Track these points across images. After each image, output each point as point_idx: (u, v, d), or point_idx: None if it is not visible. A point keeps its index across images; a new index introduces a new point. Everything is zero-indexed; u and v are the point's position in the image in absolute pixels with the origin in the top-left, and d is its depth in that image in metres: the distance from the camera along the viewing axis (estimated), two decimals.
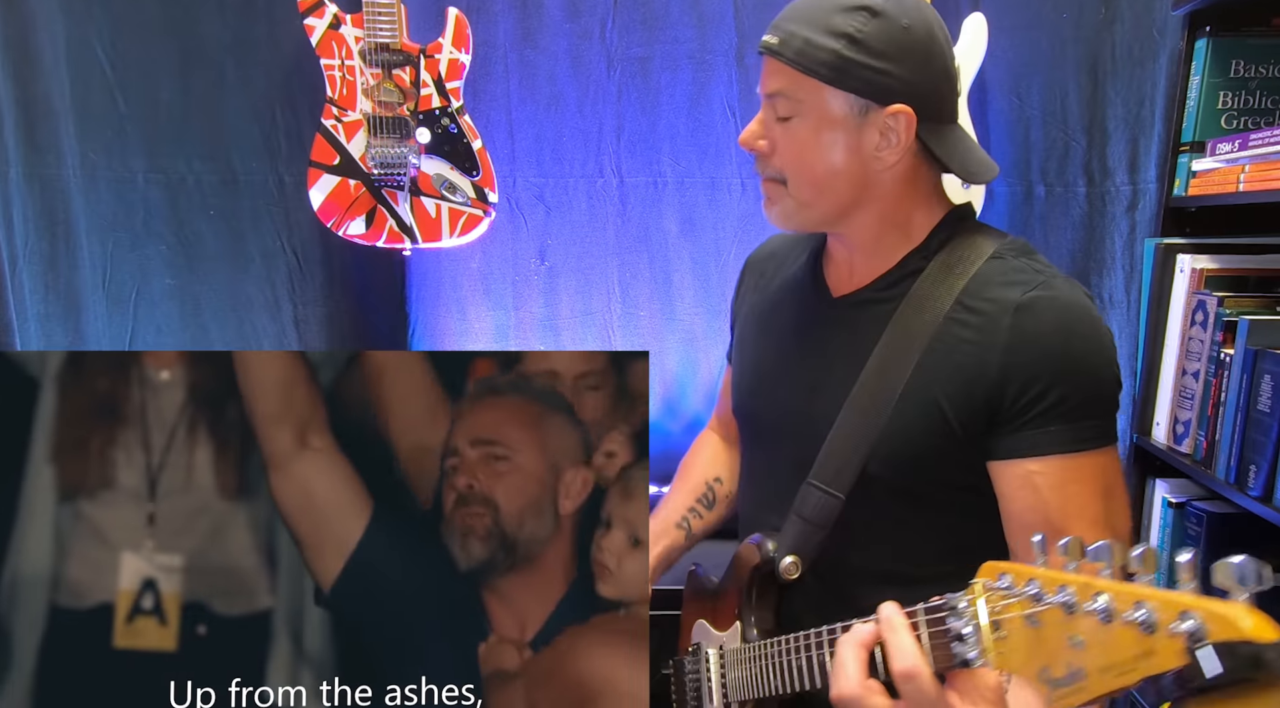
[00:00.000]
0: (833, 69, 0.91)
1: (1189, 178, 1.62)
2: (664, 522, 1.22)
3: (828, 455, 0.98)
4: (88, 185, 1.93)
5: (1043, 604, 0.58)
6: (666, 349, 2.07)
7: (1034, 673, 0.59)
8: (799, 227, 1.03)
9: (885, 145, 0.94)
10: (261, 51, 1.93)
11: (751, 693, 1.02)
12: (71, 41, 1.87)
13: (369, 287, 2.06)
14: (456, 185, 1.86)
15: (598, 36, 1.95)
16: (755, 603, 1.05)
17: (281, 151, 1.97)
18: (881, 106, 0.92)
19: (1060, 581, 0.57)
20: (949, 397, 0.92)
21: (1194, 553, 0.52)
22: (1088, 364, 0.91)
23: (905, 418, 0.94)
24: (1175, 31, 1.73)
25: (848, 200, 0.98)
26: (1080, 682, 0.55)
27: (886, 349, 0.96)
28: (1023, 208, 1.98)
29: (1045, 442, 0.90)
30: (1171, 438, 1.61)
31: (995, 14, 1.85)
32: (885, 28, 0.91)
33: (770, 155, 0.98)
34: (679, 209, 2.03)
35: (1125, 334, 1.92)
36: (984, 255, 0.96)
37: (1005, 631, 0.61)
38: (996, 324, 0.91)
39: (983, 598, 0.64)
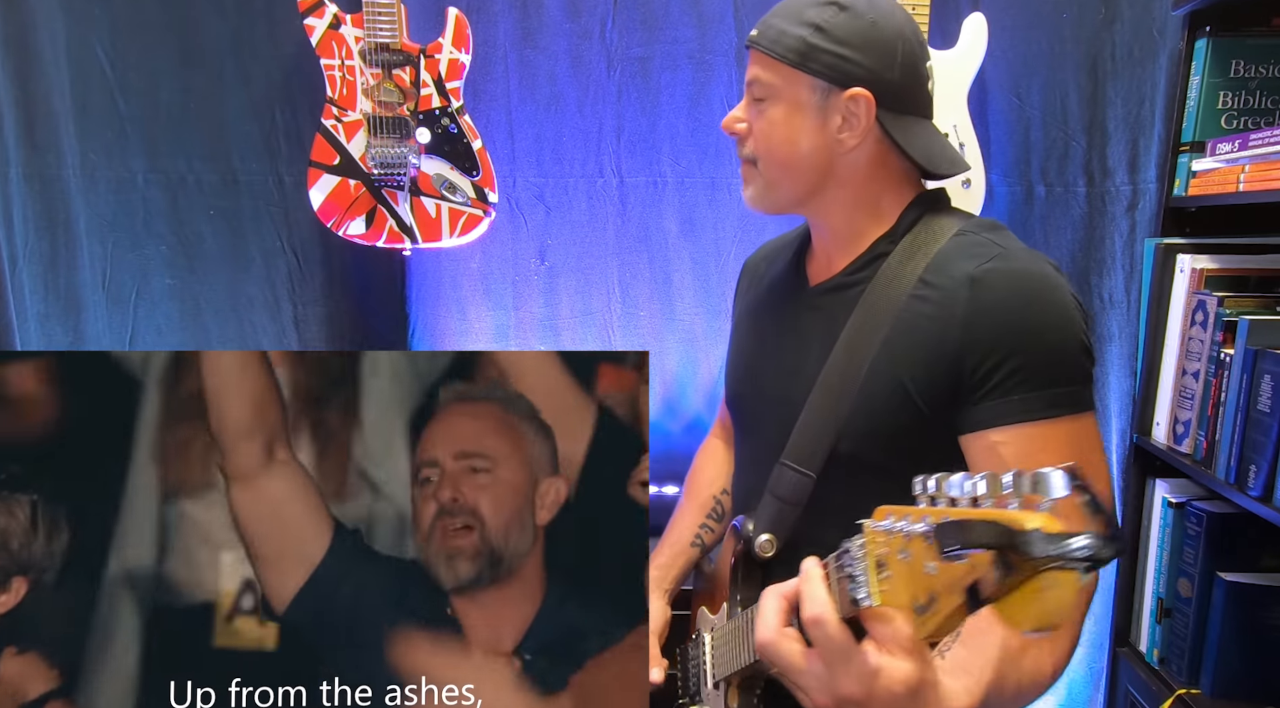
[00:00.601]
0: (798, 54, 0.97)
1: (1189, 178, 1.62)
2: (679, 543, 1.26)
3: (799, 436, 1.01)
4: (88, 185, 1.93)
5: (908, 537, 0.61)
6: (666, 349, 2.08)
7: (909, 607, 0.62)
8: (769, 207, 1.06)
9: (846, 128, 0.99)
10: (261, 51, 1.93)
11: (733, 667, 1.04)
12: (71, 41, 1.87)
13: (369, 287, 2.07)
14: (456, 185, 1.86)
15: (598, 36, 1.95)
16: (741, 583, 1.07)
17: (281, 151, 1.97)
18: (842, 89, 0.97)
19: (924, 513, 0.60)
20: (912, 374, 0.94)
21: (1014, 472, 0.55)
22: (1046, 331, 0.90)
23: (871, 396, 0.96)
24: (1175, 31, 1.73)
25: (813, 181, 1.02)
26: (935, 605, 0.59)
27: (853, 330, 0.99)
28: (1023, 208, 1.98)
29: (1007, 411, 0.90)
30: (1171, 438, 1.61)
31: (995, 14, 1.85)
32: (851, 21, 0.97)
33: (745, 138, 1.04)
34: (679, 209, 2.03)
35: (1125, 334, 1.93)
36: (948, 234, 0.98)
37: (889, 569, 0.64)
38: (954, 298, 0.92)
39: (870, 538, 0.67)
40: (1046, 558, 0.50)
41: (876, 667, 0.69)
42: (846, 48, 0.96)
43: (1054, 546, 0.50)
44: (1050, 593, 0.52)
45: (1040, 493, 0.52)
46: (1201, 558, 1.52)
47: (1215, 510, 1.52)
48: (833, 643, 0.70)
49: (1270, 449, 1.32)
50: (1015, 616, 0.54)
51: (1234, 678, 1.49)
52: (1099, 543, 0.49)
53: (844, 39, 0.96)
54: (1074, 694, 2.03)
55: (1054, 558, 0.50)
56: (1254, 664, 1.48)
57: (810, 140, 0.99)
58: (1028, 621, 0.53)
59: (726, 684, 1.06)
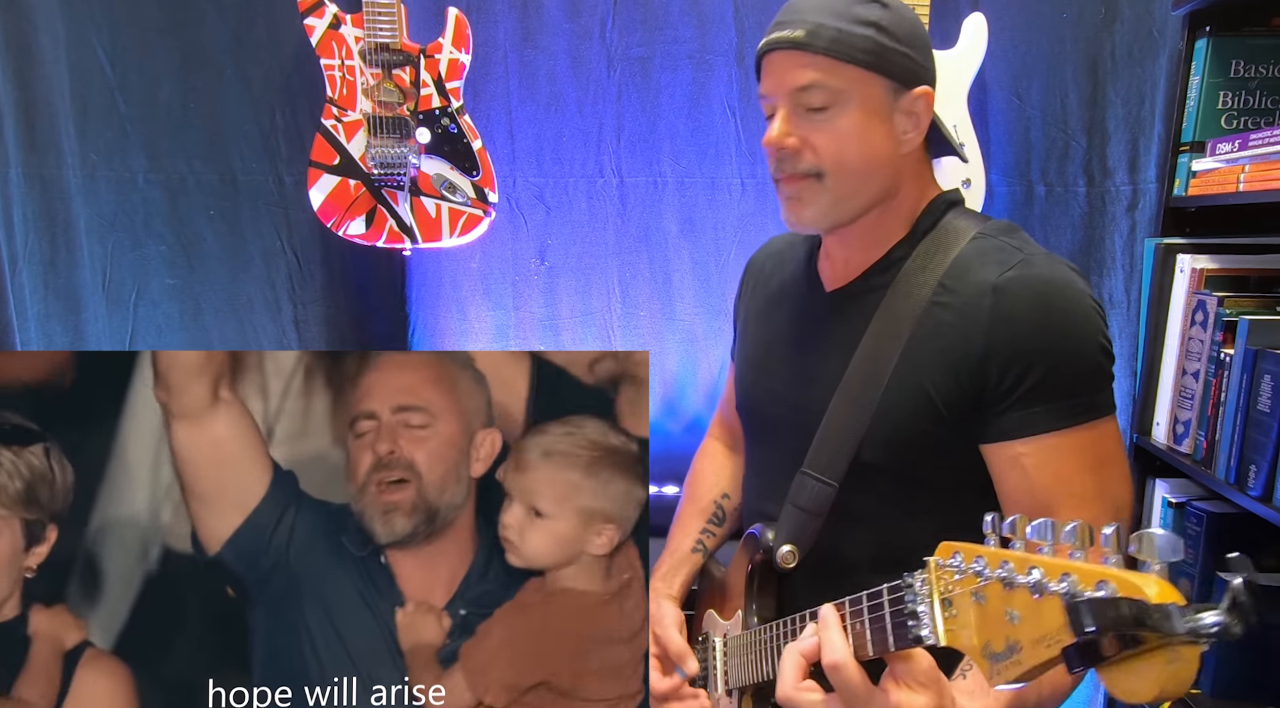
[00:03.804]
0: (873, 54, 0.93)
1: (1189, 178, 1.62)
2: (681, 550, 1.25)
3: (821, 444, 1.00)
4: (88, 185, 1.93)
5: (985, 580, 0.60)
6: (666, 349, 2.07)
7: (979, 649, 0.61)
8: (833, 223, 1.00)
9: (910, 127, 0.97)
10: (261, 51, 1.93)
11: (750, 679, 1.04)
12: (71, 41, 1.87)
13: (369, 287, 2.06)
14: (456, 185, 1.86)
15: (598, 36, 1.95)
16: (757, 592, 1.06)
17: (281, 151, 1.97)
18: (908, 89, 0.95)
19: (1003, 557, 0.59)
20: (934, 382, 0.93)
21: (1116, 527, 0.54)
22: (1069, 340, 0.90)
23: (894, 404, 0.95)
24: (1175, 31, 1.73)
25: (885, 187, 0.98)
26: (1016, 654, 0.57)
27: (874, 337, 0.97)
28: (1023, 208, 1.98)
29: (1030, 422, 0.90)
30: (1171, 438, 1.61)
31: (995, 14, 1.85)
32: (901, 18, 0.96)
33: (801, 151, 0.96)
34: (679, 209, 2.03)
35: (1125, 334, 1.93)
36: (966, 237, 0.97)
37: (955, 608, 0.63)
38: (976, 306, 0.91)
39: (935, 576, 0.65)
40: (1181, 635, 0.48)
41: (896, 704, 0.71)
42: (906, 45, 0.95)
43: (1189, 622, 0.48)
44: (1174, 667, 0.49)
45: (1150, 556, 0.51)
46: (1201, 558, 1.52)
47: (1215, 510, 1.52)
48: (851, 686, 0.73)
49: (1270, 449, 1.32)
50: (1129, 686, 0.51)
51: (1234, 678, 1.49)
52: (1231, 620, 0.47)
53: (903, 38, 0.95)
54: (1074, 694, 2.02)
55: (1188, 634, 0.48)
56: (1254, 664, 1.48)
57: (885, 145, 0.96)
58: (1147, 692, 0.50)
59: (740, 694, 1.07)
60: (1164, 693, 0.50)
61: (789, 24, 0.95)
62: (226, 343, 2.02)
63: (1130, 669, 0.50)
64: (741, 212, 2.01)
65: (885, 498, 0.99)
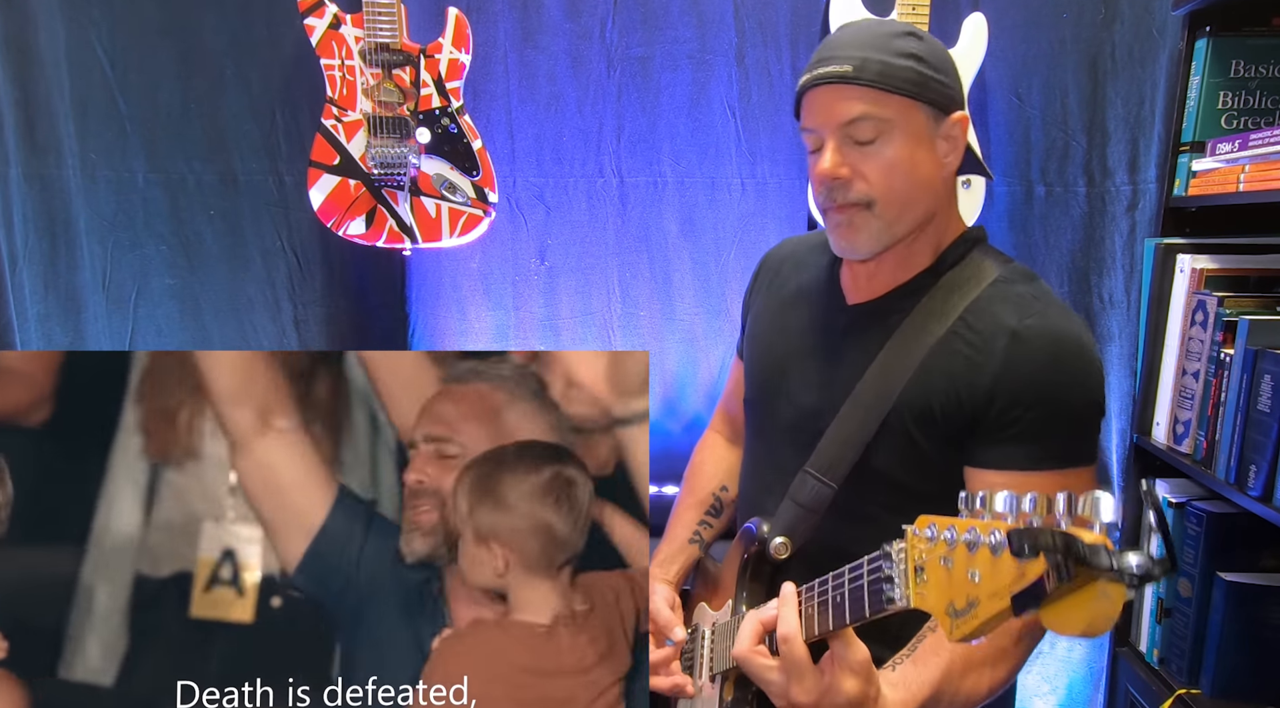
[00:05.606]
0: (916, 85, 0.97)
1: (1189, 178, 1.62)
2: (678, 541, 1.28)
3: (826, 446, 1.05)
4: (88, 185, 1.93)
5: (952, 545, 0.67)
6: (666, 349, 2.08)
7: (943, 609, 0.68)
8: (884, 247, 1.03)
9: (949, 151, 1.02)
10: (261, 52, 1.93)
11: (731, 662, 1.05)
12: (71, 41, 1.87)
13: (369, 287, 2.07)
14: (456, 185, 1.86)
15: (598, 36, 1.95)
16: (749, 582, 1.11)
17: (281, 151, 1.97)
18: (947, 115, 1.01)
19: (971, 525, 0.65)
20: (942, 402, 1.00)
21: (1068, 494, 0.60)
22: (1069, 395, 0.97)
23: (901, 417, 1.01)
24: (1175, 31, 1.73)
25: (930, 211, 1.04)
26: (974, 609, 0.64)
27: (890, 355, 1.03)
28: (1023, 208, 1.98)
29: (1009, 457, 0.98)
30: (1171, 438, 1.61)
31: (995, 14, 1.85)
32: (932, 48, 1.01)
33: (852, 181, 0.99)
34: (679, 209, 2.03)
35: (1125, 334, 1.92)
36: (989, 277, 1.03)
37: (927, 574, 0.70)
38: (992, 346, 0.98)
39: (910, 544, 0.73)
40: (1106, 570, 0.54)
41: (827, 683, 0.85)
42: (942, 73, 1.00)
43: (1115, 559, 0.54)
44: (1100, 603, 0.56)
45: (1091, 515, 0.57)
46: (1201, 558, 1.52)
47: (1215, 510, 1.52)
48: (794, 658, 0.86)
49: (1270, 449, 1.32)
50: (1063, 621, 0.58)
51: (1234, 678, 1.49)
52: (1151, 563, 0.54)
53: (939, 66, 1.00)
54: (1074, 694, 2.03)
55: (1112, 570, 0.54)
56: (1254, 664, 1.48)
57: (929, 170, 1.01)
58: (1075, 627, 0.57)
59: (723, 679, 1.10)
60: (1092, 626, 0.56)
61: (834, 59, 0.98)
62: (227, 343, 2.02)
63: (1064, 605, 0.57)
64: (741, 212, 2.01)
65: (881, 501, 1.04)
